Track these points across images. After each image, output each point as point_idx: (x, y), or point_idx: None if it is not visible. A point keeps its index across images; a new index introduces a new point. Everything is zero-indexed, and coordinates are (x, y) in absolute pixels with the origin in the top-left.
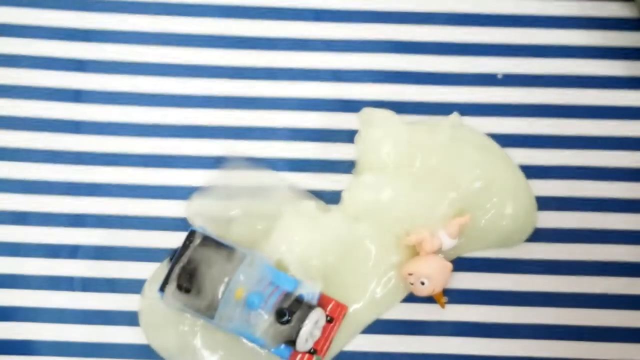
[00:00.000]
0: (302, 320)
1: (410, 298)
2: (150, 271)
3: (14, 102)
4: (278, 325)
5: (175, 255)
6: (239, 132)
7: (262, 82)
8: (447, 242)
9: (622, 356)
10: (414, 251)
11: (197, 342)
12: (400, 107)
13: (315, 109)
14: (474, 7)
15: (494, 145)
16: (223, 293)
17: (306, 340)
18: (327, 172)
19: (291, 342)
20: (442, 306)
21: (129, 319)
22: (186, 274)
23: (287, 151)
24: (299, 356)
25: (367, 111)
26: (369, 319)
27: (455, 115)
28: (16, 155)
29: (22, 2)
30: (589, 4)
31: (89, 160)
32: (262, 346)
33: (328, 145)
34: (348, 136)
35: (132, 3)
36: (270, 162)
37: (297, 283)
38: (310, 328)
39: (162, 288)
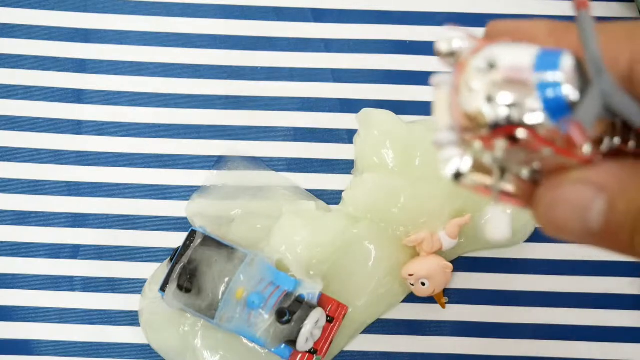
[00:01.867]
0: (302, 320)
1: (411, 298)
2: (150, 271)
3: (14, 103)
4: (278, 325)
5: (175, 255)
6: (239, 132)
7: (262, 82)
8: (447, 242)
9: (622, 356)
10: (414, 252)
11: (198, 342)
12: (400, 107)
13: (315, 109)
14: (474, 7)
15: None
16: (223, 293)
17: (306, 340)
18: (327, 172)
19: (291, 342)
20: (443, 306)
21: (129, 319)
22: (187, 274)
23: (287, 151)
24: (299, 356)
25: (366, 111)
26: (369, 319)
27: None
28: (17, 155)
29: (22, 3)
30: (589, 4)
31: (90, 160)
32: (262, 346)
33: (328, 145)
34: (348, 136)
35: (133, 3)
36: (270, 162)
37: (297, 283)
38: (311, 328)
39: (163, 288)
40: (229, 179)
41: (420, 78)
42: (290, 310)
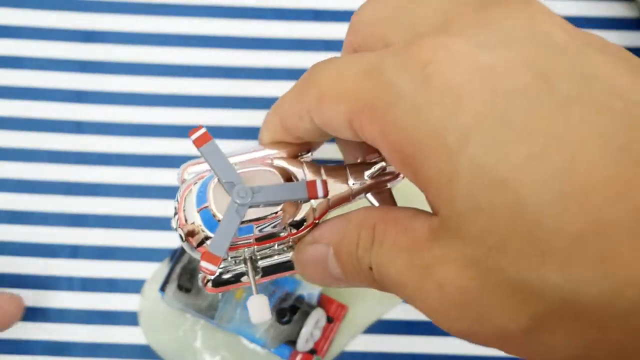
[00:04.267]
0: (302, 321)
1: None
2: (150, 271)
3: (14, 103)
4: (278, 325)
5: (175, 255)
6: (239, 132)
7: (262, 82)
8: None
9: None
10: None
11: (198, 342)
12: None
13: None
14: None
15: None
16: (223, 293)
17: (306, 340)
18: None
19: (291, 342)
20: None
21: (129, 319)
22: (187, 273)
23: None
24: (299, 356)
25: None
26: (369, 319)
27: None
28: (16, 155)
29: (22, 3)
30: (589, 4)
31: (90, 160)
32: (262, 346)
33: (328, 145)
34: None
35: (133, 4)
36: None
37: (297, 283)
38: (311, 328)
39: (163, 288)
40: None
41: None
42: (291, 310)
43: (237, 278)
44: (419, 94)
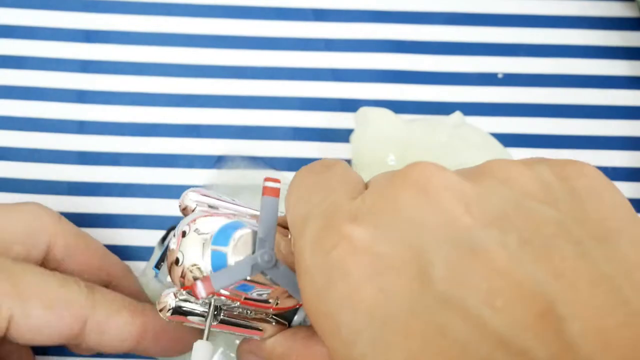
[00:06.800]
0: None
1: None
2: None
3: (16, 103)
4: None
5: (168, 234)
6: (239, 132)
7: (262, 82)
8: None
9: None
10: None
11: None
12: (400, 107)
13: (315, 108)
14: (474, 7)
15: (496, 144)
16: None
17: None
18: None
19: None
20: None
21: None
22: None
23: (287, 150)
24: None
25: (363, 110)
26: None
27: (457, 115)
28: (18, 155)
29: (22, 3)
30: (589, 3)
31: (91, 160)
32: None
33: (328, 144)
34: (348, 136)
35: (134, 4)
36: (270, 161)
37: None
38: (304, 316)
39: (158, 266)
40: (229, 178)
41: (420, 78)
42: None
43: (193, 314)
44: (322, 276)
